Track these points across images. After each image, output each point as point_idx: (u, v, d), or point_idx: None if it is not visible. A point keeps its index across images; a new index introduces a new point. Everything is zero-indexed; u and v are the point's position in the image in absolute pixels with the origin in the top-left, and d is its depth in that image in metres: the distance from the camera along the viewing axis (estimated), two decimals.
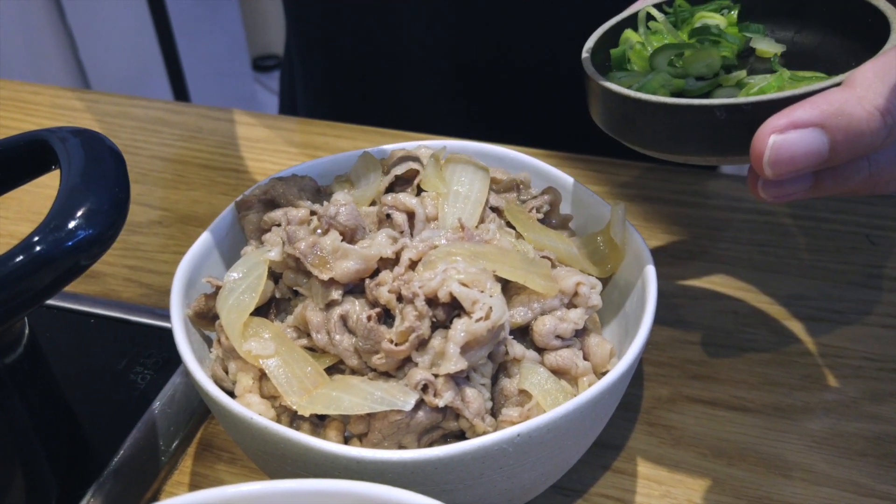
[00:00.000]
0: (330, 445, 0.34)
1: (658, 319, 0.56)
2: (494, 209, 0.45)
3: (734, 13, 0.46)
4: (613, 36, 0.46)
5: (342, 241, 0.40)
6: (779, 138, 0.33)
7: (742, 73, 0.42)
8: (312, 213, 0.44)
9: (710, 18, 0.46)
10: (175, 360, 0.52)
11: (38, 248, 0.34)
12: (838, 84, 0.35)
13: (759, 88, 0.39)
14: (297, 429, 0.39)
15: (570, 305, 0.41)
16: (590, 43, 0.45)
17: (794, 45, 0.46)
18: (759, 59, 0.45)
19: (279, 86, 1.03)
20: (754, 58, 0.45)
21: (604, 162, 0.72)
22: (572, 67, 0.77)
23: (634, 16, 0.47)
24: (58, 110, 0.83)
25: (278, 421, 0.39)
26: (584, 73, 0.43)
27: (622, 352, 0.42)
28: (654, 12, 0.46)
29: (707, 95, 0.41)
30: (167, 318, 0.55)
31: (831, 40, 0.44)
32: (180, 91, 2.19)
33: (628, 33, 0.46)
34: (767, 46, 0.45)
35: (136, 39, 2.07)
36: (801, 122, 0.33)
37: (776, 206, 0.66)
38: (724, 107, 0.35)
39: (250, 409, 0.36)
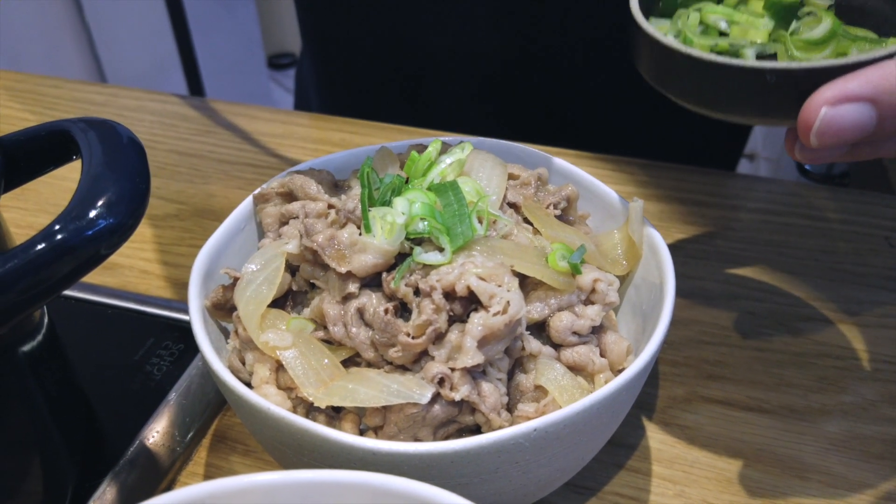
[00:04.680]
0: (346, 437, 0.34)
1: (674, 319, 0.56)
2: (512, 205, 0.45)
3: None
4: None
5: (360, 234, 0.40)
6: (830, 111, 0.33)
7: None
8: (330, 206, 0.44)
9: None
10: (191, 351, 0.52)
11: (59, 237, 0.34)
12: (892, 55, 0.34)
13: (808, 39, 0.39)
14: (313, 420, 0.39)
15: (588, 302, 0.41)
16: None
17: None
18: (811, 7, 0.44)
19: (294, 84, 1.03)
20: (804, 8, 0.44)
21: (620, 161, 0.72)
22: (594, 69, 0.78)
23: None
24: (77, 103, 0.84)
25: (294, 412, 0.39)
26: (631, 19, 0.41)
27: (639, 350, 0.42)
28: None
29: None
30: (183, 310, 0.55)
31: None
32: (196, 88, 2.20)
33: None
34: None
35: (153, 37, 2.08)
36: (853, 96, 0.33)
37: (793, 209, 0.66)
38: (776, 71, 0.35)
39: (267, 400, 0.36)
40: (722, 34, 0.43)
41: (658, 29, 0.42)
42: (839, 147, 0.35)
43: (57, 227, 0.35)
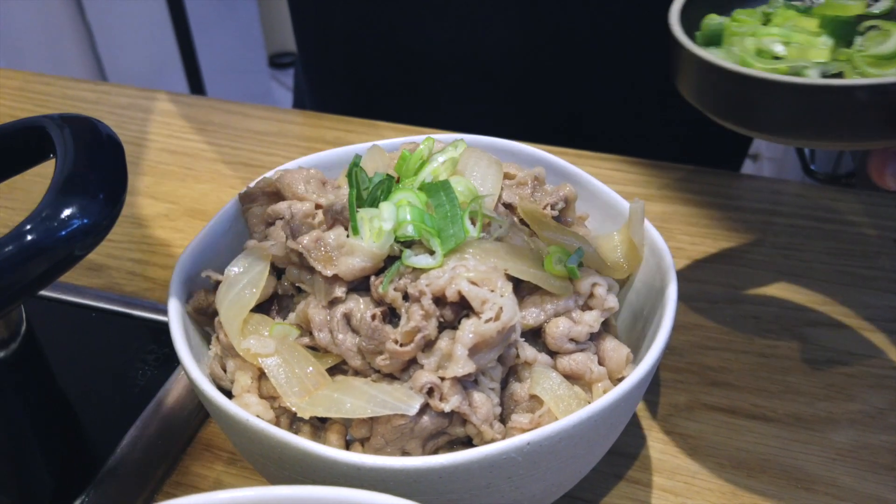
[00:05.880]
0: (329, 451, 0.32)
1: (676, 324, 0.54)
2: (507, 205, 0.43)
3: None
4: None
5: (347, 236, 0.38)
6: None
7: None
8: (318, 206, 0.42)
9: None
10: (176, 357, 0.50)
11: (29, 238, 0.33)
12: None
13: (877, 54, 0.35)
14: (297, 431, 0.37)
15: (586, 307, 0.40)
16: (675, 15, 0.40)
17: None
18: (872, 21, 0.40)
19: (294, 83, 1.02)
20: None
21: (621, 160, 0.70)
22: (594, 67, 0.76)
23: None
24: (69, 101, 0.83)
25: (277, 423, 0.37)
26: (679, 48, 0.38)
27: (639, 357, 0.40)
28: None
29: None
30: None
31: None
32: (196, 87, 2.19)
33: (712, 17, 0.42)
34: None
35: (154, 36, 2.08)
36: None
37: (799, 210, 0.64)
38: (868, 87, 0.32)
39: (248, 410, 0.35)
40: (776, 58, 0.40)
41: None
42: None
43: (27, 227, 0.33)
